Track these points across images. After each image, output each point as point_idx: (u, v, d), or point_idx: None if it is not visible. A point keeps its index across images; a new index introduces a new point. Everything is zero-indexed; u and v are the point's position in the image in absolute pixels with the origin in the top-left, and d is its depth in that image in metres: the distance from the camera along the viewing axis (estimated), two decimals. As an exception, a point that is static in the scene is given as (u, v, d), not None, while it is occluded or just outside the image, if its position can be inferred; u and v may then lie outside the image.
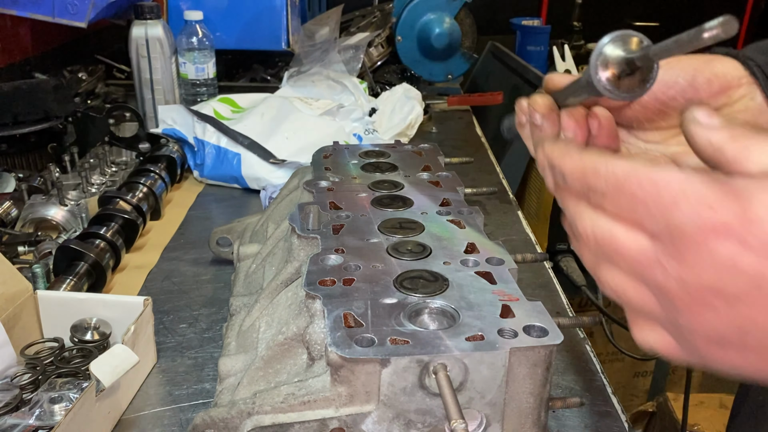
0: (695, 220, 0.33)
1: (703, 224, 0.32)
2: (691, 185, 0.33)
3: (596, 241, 0.38)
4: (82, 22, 1.36)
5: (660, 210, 0.34)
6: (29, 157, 1.21)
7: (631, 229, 0.36)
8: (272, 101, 1.32)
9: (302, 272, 0.59)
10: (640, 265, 0.36)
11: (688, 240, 0.33)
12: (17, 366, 0.68)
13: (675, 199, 0.33)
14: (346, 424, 0.49)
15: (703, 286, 0.33)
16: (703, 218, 0.32)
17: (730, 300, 0.33)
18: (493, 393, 0.49)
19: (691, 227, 0.33)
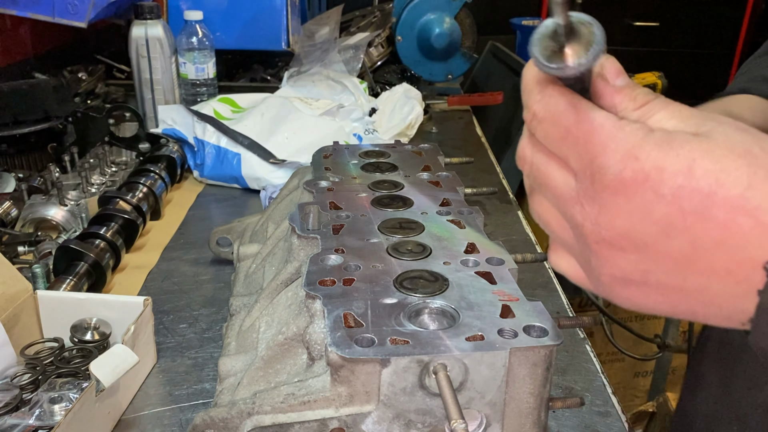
0: (619, 167, 0.34)
1: (624, 171, 0.34)
2: (622, 132, 0.34)
3: (531, 169, 0.40)
4: (82, 22, 1.36)
5: (588, 150, 0.35)
6: (29, 157, 1.21)
7: (560, 166, 0.38)
8: (272, 101, 1.32)
9: (302, 272, 0.59)
10: (562, 201, 0.38)
11: (608, 185, 0.35)
12: (17, 366, 0.68)
13: (604, 142, 0.35)
14: (346, 424, 0.49)
15: (615, 230, 0.35)
16: (626, 166, 0.34)
17: (639, 246, 0.35)
18: (493, 393, 0.49)
19: (614, 173, 0.34)
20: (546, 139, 0.38)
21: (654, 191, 0.33)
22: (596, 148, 0.35)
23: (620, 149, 0.34)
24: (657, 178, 0.33)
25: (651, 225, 0.34)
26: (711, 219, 0.32)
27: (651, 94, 0.37)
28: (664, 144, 0.34)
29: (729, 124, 0.35)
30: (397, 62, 1.89)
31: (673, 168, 0.33)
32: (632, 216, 0.34)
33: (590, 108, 0.36)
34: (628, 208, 0.34)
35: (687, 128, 0.35)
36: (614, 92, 0.37)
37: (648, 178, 0.33)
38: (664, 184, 0.33)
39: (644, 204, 0.34)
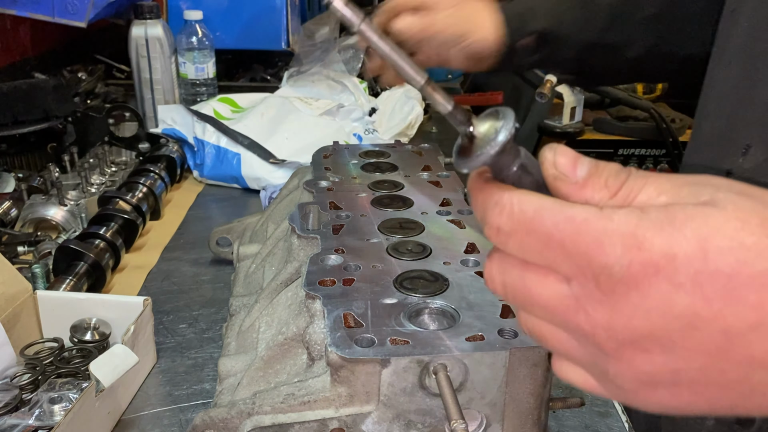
0: (623, 262, 0.30)
1: (632, 266, 0.30)
2: (613, 223, 0.30)
3: (505, 289, 0.35)
4: (82, 21, 1.36)
5: (581, 251, 0.31)
6: (29, 157, 1.21)
7: (545, 275, 0.33)
8: (272, 101, 1.32)
9: (302, 272, 0.58)
10: (558, 312, 0.33)
11: (616, 284, 0.30)
12: (17, 366, 0.68)
13: (598, 238, 0.31)
14: (346, 425, 0.49)
15: (634, 332, 0.31)
16: (632, 260, 0.30)
17: (665, 344, 0.31)
18: (493, 393, 0.49)
19: (620, 270, 0.30)
20: (523, 252, 0.33)
21: (670, 282, 0.29)
22: (590, 248, 0.31)
23: (618, 242, 0.30)
24: (669, 266, 0.29)
25: (674, 320, 0.30)
26: (740, 302, 0.29)
27: (623, 172, 0.33)
28: (666, 225, 0.30)
29: (729, 188, 0.31)
30: (397, 62, 1.88)
31: (684, 252, 0.29)
32: (651, 313, 0.30)
33: (564, 205, 0.32)
34: (644, 305, 0.30)
35: (683, 200, 0.31)
36: (579, 188, 0.33)
37: (659, 268, 0.30)
38: (679, 272, 0.29)
39: (662, 298, 0.30)
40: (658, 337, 0.31)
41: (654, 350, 0.31)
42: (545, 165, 0.33)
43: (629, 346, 0.32)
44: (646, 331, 0.31)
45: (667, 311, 0.30)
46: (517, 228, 0.33)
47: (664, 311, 0.30)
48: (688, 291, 0.29)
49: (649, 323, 0.31)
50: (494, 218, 0.33)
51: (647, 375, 0.32)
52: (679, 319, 0.30)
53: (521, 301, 0.35)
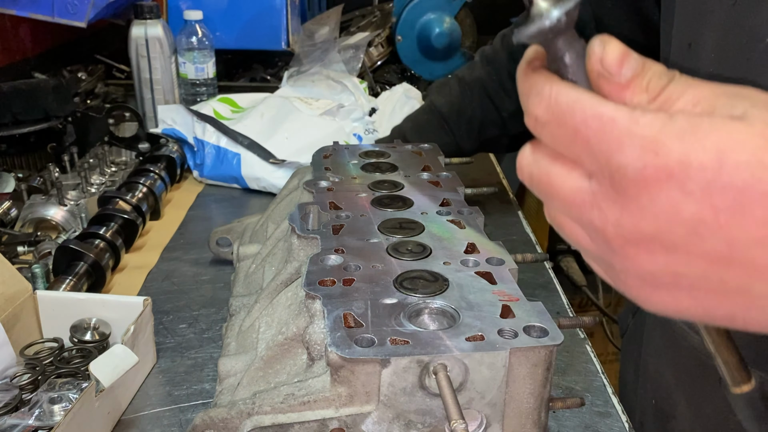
0: (638, 165, 0.31)
1: (646, 169, 0.31)
2: (638, 126, 0.31)
3: (531, 178, 0.37)
4: (82, 21, 1.36)
5: (603, 149, 0.32)
6: (29, 157, 1.21)
7: (569, 169, 0.35)
8: (272, 101, 1.32)
9: (302, 272, 0.58)
10: (574, 206, 0.35)
11: (629, 184, 0.32)
12: (17, 366, 0.68)
13: (620, 139, 0.32)
14: (346, 425, 0.49)
15: (641, 232, 0.32)
16: (647, 163, 0.31)
17: (668, 247, 0.32)
18: (493, 393, 0.49)
19: (634, 171, 0.31)
20: (554, 143, 0.35)
21: (680, 189, 0.30)
22: (611, 146, 0.32)
23: (637, 144, 0.31)
24: (682, 174, 0.30)
25: (680, 225, 0.31)
26: (748, 216, 0.29)
27: (665, 76, 0.33)
28: (687, 134, 0.30)
29: (766, 104, 0.31)
30: (397, 62, 1.89)
31: (699, 162, 0.30)
32: (658, 217, 0.32)
33: (597, 102, 0.33)
34: (653, 208, 0.31)
35: (717, 111, 0.31)
36: (621, 89, 0.33)
37: (672, 174, 0.30)
38: (691, 180, 0.30)
39: (670, 203, 0.31)
40: (662, 239, 0.32)
41: (657, 252, 0.33)
42: (591, 60, 0.34)
43: (635, 245, 0.33)
44: (652, 232, 0.32)
45: (673, 216, 0.31)
46: (551, 119, 0.34)
47: (671, 216, 0.31)
48: (697, 199, 0.30)
49: (655, 225, 0.32)
50: (533, 107, 0.35)
51: (649, 275, 0.34)
52: (684, 225, 0.31)
53: (544, 192, 0.37)
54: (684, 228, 0.31)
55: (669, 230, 0.32)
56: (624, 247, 0.33)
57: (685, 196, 0.30)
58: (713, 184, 0.30)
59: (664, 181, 0.31)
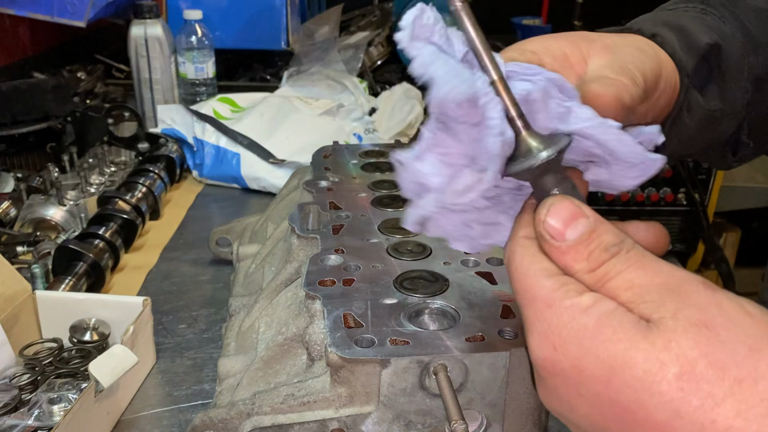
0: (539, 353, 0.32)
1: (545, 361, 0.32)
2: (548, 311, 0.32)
3: None
4: (81, 21, 1.36)
5: (526, 322, 0.34)
6: (28, 156, 1.21)
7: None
8: (272, 101, 1.32)
9: (302, 272, 0.58)
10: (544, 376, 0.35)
11: (536, 366, 0.33)
12: (16, 366, 0.68)
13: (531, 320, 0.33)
14: (345, 425, 0.49)
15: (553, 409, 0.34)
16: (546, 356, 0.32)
17: (575, 425, 0.33)
18: (493, 394, 0.49)
19: (537, 358, 0.33)
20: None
21: (575, 389, 0.31)
22: (527, 324, 0.33)
23: (543, 333, 0.32)
24: (575, 378, 0.31)
25: (580, 417, 0.32)
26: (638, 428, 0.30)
27: (608, 251, 0.32)
28: (587, 338, 0.30)
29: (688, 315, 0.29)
30: (397, 62, 1.89)
31: (591, 372, 0.30)
32: (562, 404, 0.33)
33: (531, 271, 0.33)
34: (556, 394, 0.33)
35: (638, 307, 0.31)
36: (561, 253, 0.33)
37: (566, 375, 0.31)
38: (582, 386, 0.31)
39: (568, 398, 0.32)
40: (568, 419, 0.34)
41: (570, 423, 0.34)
42: (535, 221, 0.34)
43: (555, 411, 0.35)
44: (560, 412, 0.34)
45: (572, 408, 0.32)
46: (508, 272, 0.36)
47: (571, 407, 0.32)
48: (590, 404, 0.31)
49: (560, 408, 0.34)
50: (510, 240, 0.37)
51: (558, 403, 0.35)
52: (583, 419, 0.32)
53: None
54: (583, 420, 0.32)
55: (571, 415, 0.33)
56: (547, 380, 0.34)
57: (578, 397, 0.31)
58: (602, 397, 0.30)
59: (561, 378, 0.32)
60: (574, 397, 0.31)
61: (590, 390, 0.30)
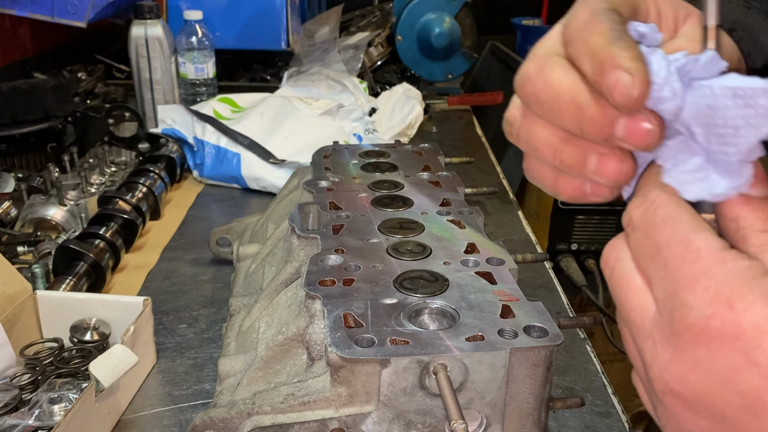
0: (705, 311, 0.27)
1: (712, 319, 0.27)
2: (722, 267, 0.28)
3: (611, 279, 0.34)
4: (82, 21, 1.36)
5: (675, 279, 0.29)
6: (28, 157, 1.21)
7: (643, 286, 0.31)
8: (272, 101, 1.32)
9: (302, 272, 0.58)
10: (635, 327, 0.32)
11: (688, 329, 0.28)
12: (16, 366, 0.68)
13: (695, 275, 0.28)
14: (345, 425, 0.49)
15: (687, 387, 0.29)
16: (716, 313, 0.27)
17: (715, 414, 0.28)
18: (493, 393, 0.49)
19: (697, 317, 0.28)
20: (636, 252, 0.32)
21: (746, 356, 0.27)
22: (684, 279, 0.28)
23: (713, 289, 0.27)
24: (754, 339, 0.26)
25: (735, 396, 0.27)
26: None
27: None
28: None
29: None
30: (397, 62, 1.89)
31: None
32: (712, 376, 0.28)
33: (692, 226, 0.30)
34: (708, 365, 0.28)
35: None
36: (743, 203, 0.30)
37: (741, 335, 0.27)
38: (762, 351, 0.26)
39: (730, 367, 0.27)
40: (710, 404, 0.28)
41: (701, 415, 0.29)
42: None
43: (678, 397, 0.29)
44: (700, 392, 0.28)
45: (730, 384, 0.27)
46: (642, 227, 0.31)
47: (728, 382, 0.27)
48: (763, 374, 0.26)
49: (706, 386, 0.28)
50: (633, 207, 0.32)
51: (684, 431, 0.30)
52: (741, 398, 0.27)
53: (617, 299, 0.33)
54: (740, 401, 0.27)
55: (721, 397, 0.28)
56: (665, 395, 0.30)
57: (750, 366, 0.27)
58: None
59: (730, 340, 0.27)
60: (742, 367, 0.27)
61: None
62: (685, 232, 0.30)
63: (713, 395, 0.28)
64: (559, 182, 0.38)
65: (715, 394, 0.28)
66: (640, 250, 0.32)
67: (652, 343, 0.30)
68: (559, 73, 0.34)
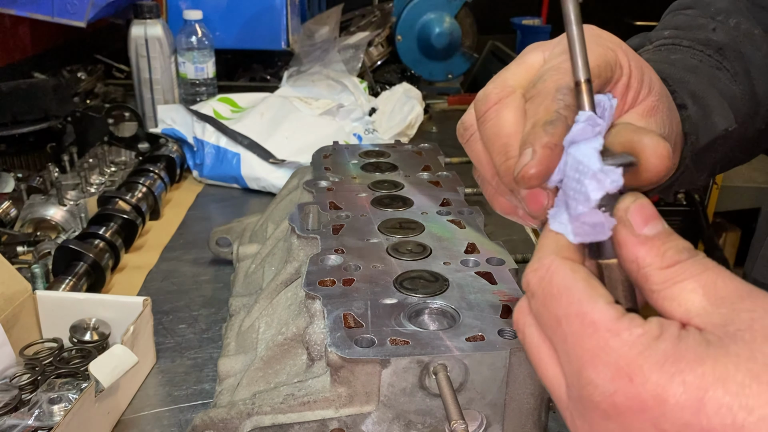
0: (609, 388, 0.28)
1: (616, 395, 0.28)
2: (617, 340, 0.28)
3: (524, 342, 0.34)
4: (82, 21, 1.36)
5: (576, 355, 0.30)
6: (28, 156, 1.21)
7: (551, 358, 0.32)
8: (272, 101, 1.32)
9: (302, 272, 0.58)
10: (554, 395, 0.32)
11: (596, 407, 0.29)
12: (16, 366, 0.68)
13: (594, 351, 0.29)
14: (345, 425, 0.49)
15: None
16: (618, 389, 0.28)
17: None
18: (493, 393, 0.49)
19: (602, 394, 0.28)
20: (539, 320, 0.33)
21: (653, 424, 0.27)
22: (585, 356, 0.29)
23: (612, 364, 0.28)
24: (657, 410, 0.27)
25: None
26: None
27: (685, 253, 0.31)
28: (669, 363, 0.27)
29: (764, 325, 0.27)
30: (397, 62, 1.89)
31: (677, 400, 0.27)
32: None
33: (587, 295, 0.30)
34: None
35: (713, 319, 0.28)
36: (638, 243, 0.31)
37: (644, 408, 0.27)
38: (666, 419, 0.27)
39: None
40: None
41: None
42: (619, 206, 0.32)
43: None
44: None
45: None
46: (539, 295, 0.32)
47: None
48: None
49: None
50: (529, 272, 0.33)
51: None
52: None
53: (534, 367, 0.34)
54: None
55: None
56: None
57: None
58: (692, 427, 0.26)
59: (637, 413, 0.28)
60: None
61: (677, 421, 0.27)
62: (580, 304, 0.30)
63: None
64: (495, 197, 0.43)
65: None
66: (541, 319, 0.32)
67: (570, 416, 0.31)
68: (510, 115, 0.39)
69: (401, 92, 1.47)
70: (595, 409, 0.29)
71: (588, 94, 0.34)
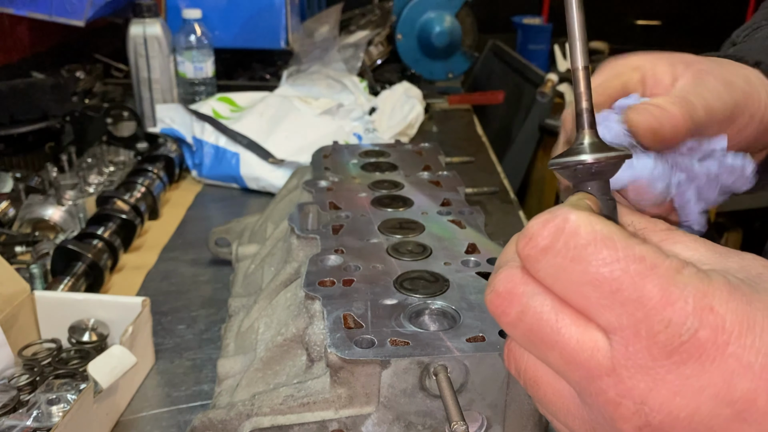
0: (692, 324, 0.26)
1: (700, 330, 0.25)
2: (683, 276, 0.26)
3: (522, 318, 0.29)
4: (80, 20, 1.36)
5: (641, 300, 0.26)
6: (27, 156, 1.21)
7: (580, 320, 0.28)
8: (271, 100, 1.32)
9: (301, 273, 0.58)
10: (580, 367, 0.28)
11: (676, 348, 0.26)
12: (15, 367, 0.68)
13: (666, 288, 0.26)
14: (345, 426, 0.49)
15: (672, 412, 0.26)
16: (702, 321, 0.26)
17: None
18: (494, 394, 0.49)
19: (687, 331, 0.26)
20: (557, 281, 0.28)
21: (738, 358, 0.25)
22: (653, 298, 0.26)
23: (690, 297, 0.25)
24: (744, 338, 0.25)
25: (726, 407, 0.25)
26: None
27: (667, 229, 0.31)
28: (739, 291, 0.25)
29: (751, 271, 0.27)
30: (397, 61, 1.89)
31: (762, 324, 0.25)
32: (702, 392, 0.25)
33: (633, 240, 0.27)
34: (698, 381, 0.25)
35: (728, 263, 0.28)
36: (628, 213, 0.32)
37: (731, 338, 0.25)
38: (753, 346, 0.25)
39: (723, 376, 0.25)
40: (698, 422, 0.25)
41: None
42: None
43: (658, 428, 0.26)
44: (687, 413, 0.26)
45: (722, 394, 0.25)
46: (561, 249, 0.27)
47: (718, 394, 0.25)
48: (756, 374, 0.24)
49: (693, 404, 0.25)
50: (534, 227, 0.28)
51: None
52: (731, 407, 0.25)
53: (537, 336, 0.29)
54: (730, 411, 0.25)
55: (710, 412, 0.25)
56: (642, 430, 0.27)
57: (742, 369, 0.25)
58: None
59: (723, 345, 0.25)
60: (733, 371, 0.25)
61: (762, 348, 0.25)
62: (631, 248, 0.27)
63: (701, 413, 0.25)
64: None
65: (704, 412, 0.25)
66: (564, 278, 0.27)
67: (616, 379, 0.27)
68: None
69: (401, 91, 1.47)
70: (671, 353, 0.25)
71: (585, 81, 0.34)
